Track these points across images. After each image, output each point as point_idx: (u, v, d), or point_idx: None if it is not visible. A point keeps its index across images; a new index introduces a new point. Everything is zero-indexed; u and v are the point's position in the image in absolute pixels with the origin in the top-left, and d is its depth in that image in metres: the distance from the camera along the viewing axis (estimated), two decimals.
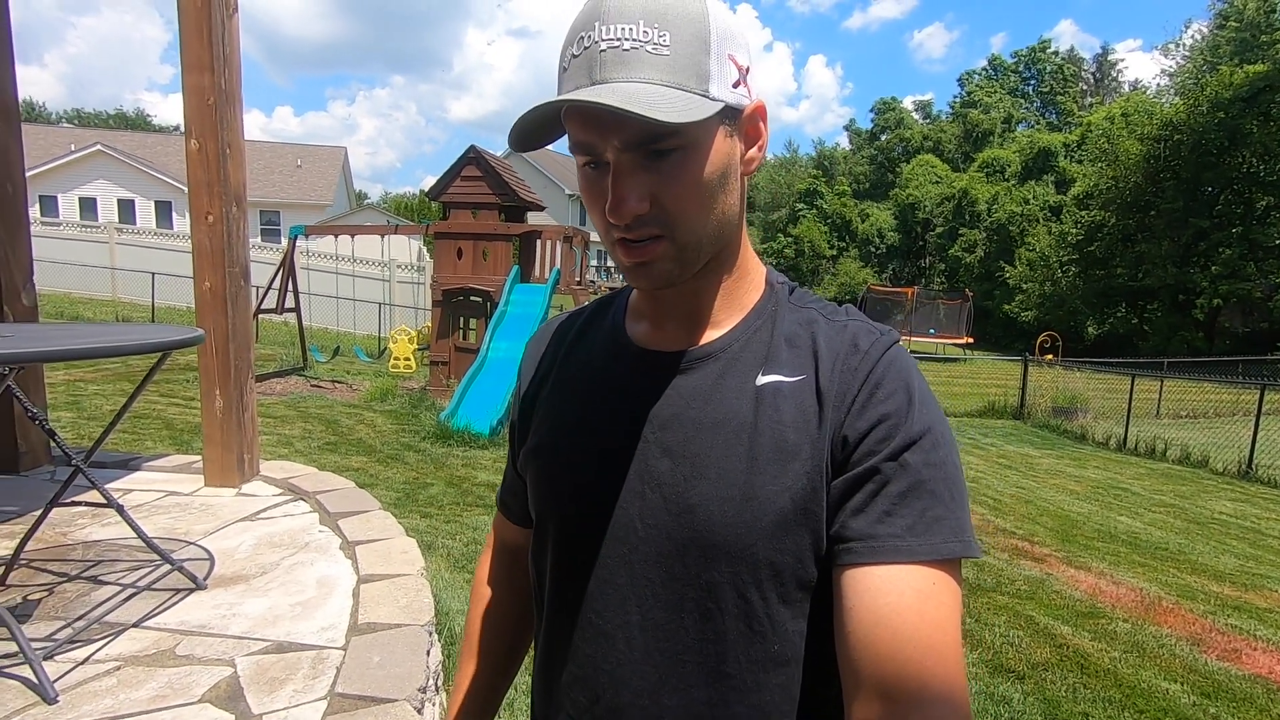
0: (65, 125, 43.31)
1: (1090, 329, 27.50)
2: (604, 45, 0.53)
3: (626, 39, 0.53)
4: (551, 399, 0.72)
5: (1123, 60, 66.19)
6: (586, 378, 0.70)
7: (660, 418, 0.63)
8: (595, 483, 0.65)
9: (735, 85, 0.57)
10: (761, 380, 0.62)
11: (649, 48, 0.53)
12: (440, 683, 2.12)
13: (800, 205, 46.69)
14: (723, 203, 0.59)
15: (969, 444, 9.55)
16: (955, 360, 22.20)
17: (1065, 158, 35.52)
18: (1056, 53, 50.66)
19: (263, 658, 1.92)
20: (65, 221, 20.86)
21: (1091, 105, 46.31)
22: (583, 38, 0.54)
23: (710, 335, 0.66)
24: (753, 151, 0.62)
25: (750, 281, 0.68)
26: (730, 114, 0.58)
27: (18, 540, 2.30)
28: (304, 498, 3.18)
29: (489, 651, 0.86)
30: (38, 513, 2.22)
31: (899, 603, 0.52)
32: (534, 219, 10.33)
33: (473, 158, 8.88)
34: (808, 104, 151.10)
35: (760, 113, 0.61)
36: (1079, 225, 28.76)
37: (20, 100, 3.38)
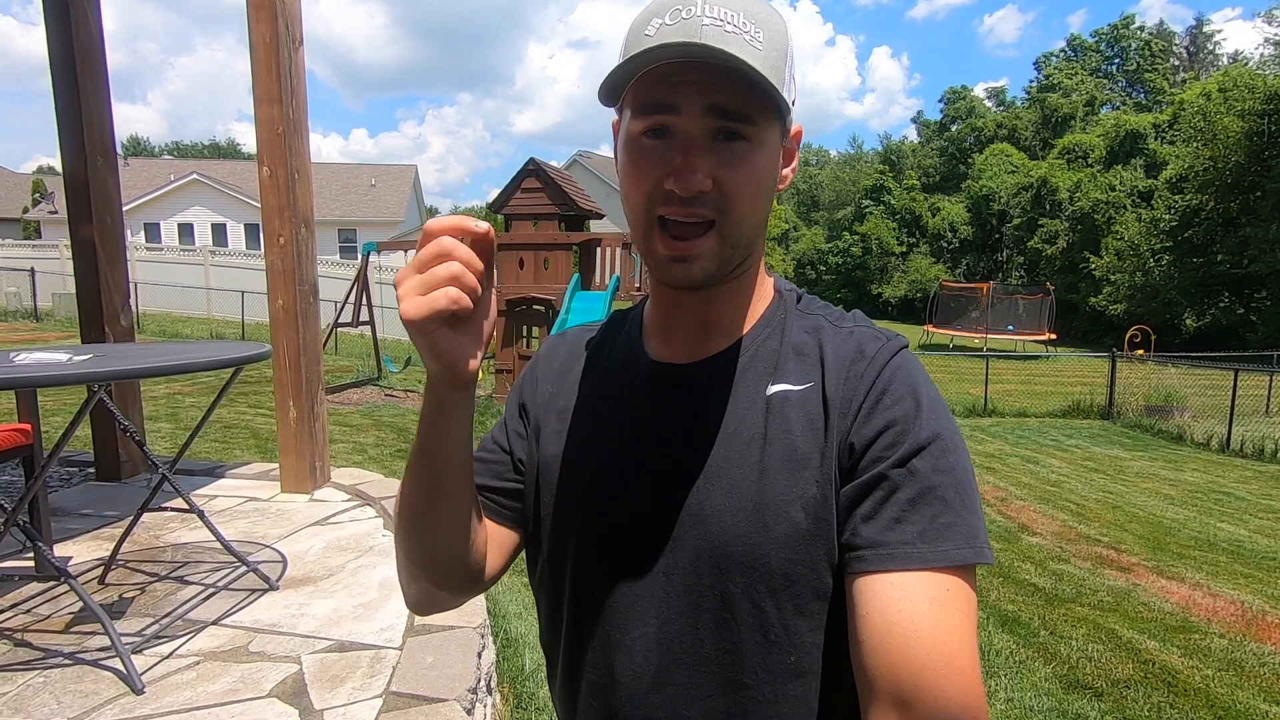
0: (166, 157, 46.88)
1: (1188, 321, 25.58)
2: (707, 21, 0.54)
3: (729, 22, 0.54)
4: (567, 414, 0.72)
5: (1220, 31, 61.49)
6: (603, 393, 0.71)
7: (674, 430, 0.64)
8: (613, 496, 0.66)
9: (793, 102, 0.60)
10: (771, 390, 0.62)
11: (747, 37, 0.54)
12: (493, 683, 2.18)
13: (867, 202, 45.52)
14: (765, 205, 0.61)
15: (1051, 446, 9.06)
16: (1036, 358, 21.05)
17: (1155, 139, 33.23)
18: (1143, 28, 47.65)
19: (326, 656, 2.03)
20: (166, 247, 22.56)
21: (1185, 81, 43.18)
22: (678, 10, 0.54)
23: (721, 346, 0.66)
24: (786, 171, 0.64)
25: (760, 291, 0.68)
26: (784, 129, 0.61)
27: (114, 542, 2.51)
28: (370, 503, 3.33)
29: None
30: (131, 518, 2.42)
31: (912, 610, 0.51)
32: (594, 227, 10.47)
33: (532, 170, 9.09)
34: (872, 98, 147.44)
35: (798, 137, 0.65)
36: (1173, 210, 26.82)
37: (128, 137, 3.70)
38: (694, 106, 0.56)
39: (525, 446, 0.74)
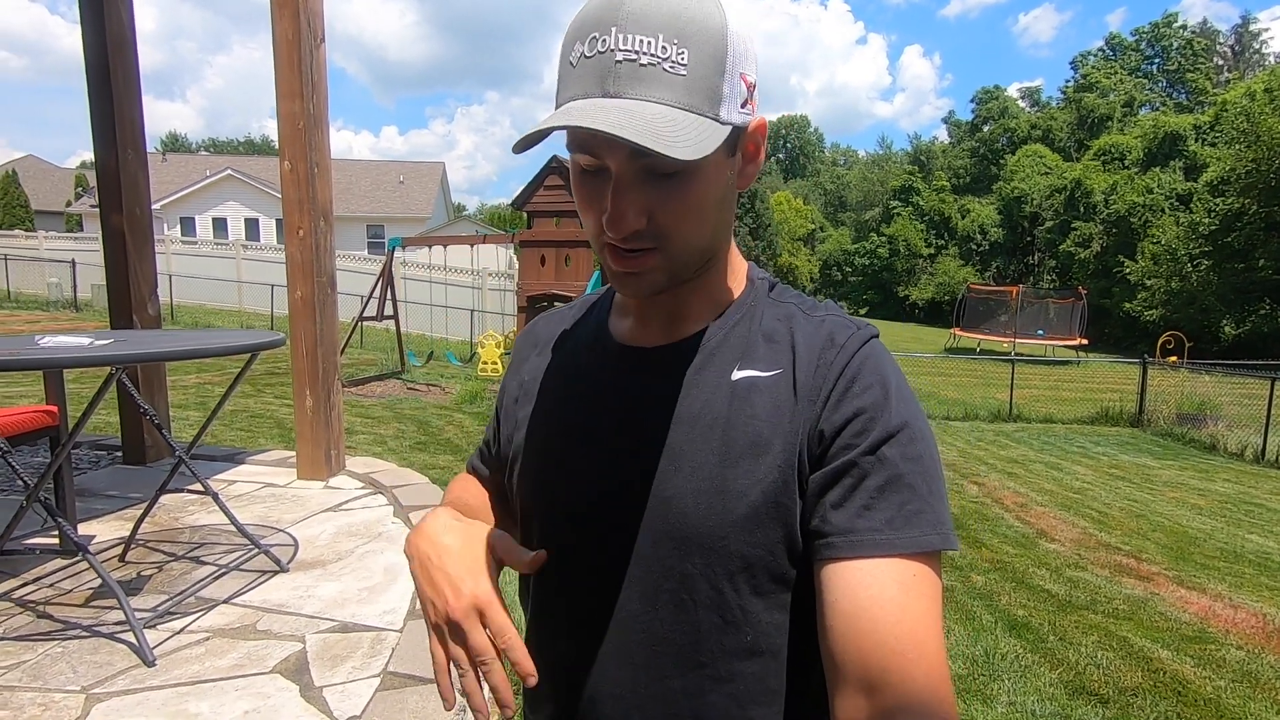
0: (202, 153, 48.09)
1: (1227, 328, 24.88)
2: (620, 56, 0.51)
3: (645, 53, 0.51)
4: (537, 396, 0.74)
5: (1267, 30, 59.46)
6: (570, 374, 0.72)
7: (639, 412, 0.65)
8: (578, 477, 0.67)
9: (743, 105, 0.57)
10: (737, 375, 0.63)
11: (666, 65, 0.52)
12: None
13: (895, 203, 45.03)
14: (717, 219, 0.61)
15: (1077, 453, 8.87)
16: (1065, 363, 20.59)
17: (1196, 141, 32.35)
18: (1185, 26, 46.36)
19: (329, 636, 2.08)
20: (201, 240, 23.10)
21: (1228, 81, 41.92)
22: (595, 38, 0.52)
23: (691, 330, 0.67)
24: (749, 167, 0.63)
25: (732, 278, 0.69)
26: (734, 133, 0.58)
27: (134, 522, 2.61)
28: (382, 491, 3.40)
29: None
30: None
31: (880, 595, 0.52)
32: None
33: (555, 167, 9.17)
34: (903, 97, 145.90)
35: (761, 130, 0.61)
36: (1213, 214, 26.10)
37: (167, 133, 3.81)
38: (616, 152, 0.54)
39: (506, 429, 0.77)
